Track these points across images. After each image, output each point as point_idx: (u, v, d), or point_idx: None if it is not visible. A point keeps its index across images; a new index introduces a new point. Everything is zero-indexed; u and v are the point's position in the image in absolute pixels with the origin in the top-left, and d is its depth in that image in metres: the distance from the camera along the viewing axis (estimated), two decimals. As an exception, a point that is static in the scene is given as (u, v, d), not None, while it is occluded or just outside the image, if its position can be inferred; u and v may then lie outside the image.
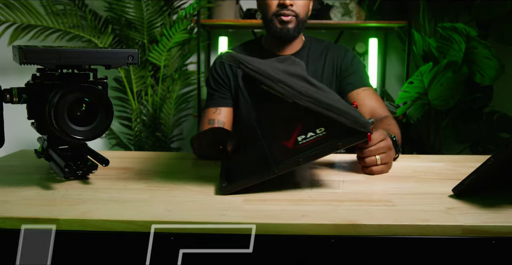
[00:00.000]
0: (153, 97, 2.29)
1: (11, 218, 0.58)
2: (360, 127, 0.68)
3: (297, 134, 0.68)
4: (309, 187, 0.74)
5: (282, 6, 1.23)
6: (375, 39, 2.32)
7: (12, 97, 0.73)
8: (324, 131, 0.68)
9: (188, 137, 2.49)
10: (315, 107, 0.67)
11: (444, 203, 0.66)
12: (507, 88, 2.28)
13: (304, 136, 0.68)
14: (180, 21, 2.13)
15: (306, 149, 0.68)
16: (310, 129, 0.68)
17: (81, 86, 0.70)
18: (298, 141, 0.68)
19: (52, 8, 2.22)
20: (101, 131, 0.73)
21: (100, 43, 2.23)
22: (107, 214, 0.60)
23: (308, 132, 0.68)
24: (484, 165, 0.63)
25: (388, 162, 0.85)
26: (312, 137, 0.68)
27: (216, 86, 1.34)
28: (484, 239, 0.57)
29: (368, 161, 0.83)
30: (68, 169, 0.73)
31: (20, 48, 0.66)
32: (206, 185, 0.75)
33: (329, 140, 0.68)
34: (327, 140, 0.68)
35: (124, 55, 0.73)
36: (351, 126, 0.68)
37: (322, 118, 0.67)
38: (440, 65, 1.95)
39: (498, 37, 2.08)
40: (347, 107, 0.69)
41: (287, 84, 0.67)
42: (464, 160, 0.99)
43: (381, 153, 0.83)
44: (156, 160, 0.94)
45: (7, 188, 0.71)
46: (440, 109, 2.14)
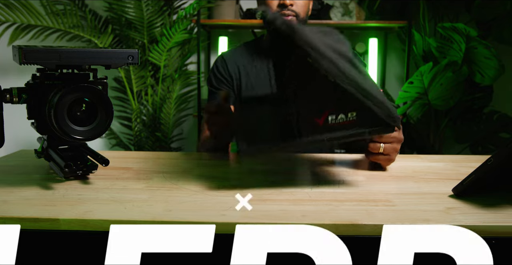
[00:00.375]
0: (153, 97, 2.29)
1: (11, 218, 0.58)
2: (392, 121, 0.67)
3: (329, 113, 0.67)
4: (309, 187, 0.74)
5: (282, 6, 1.23)
6: (375, 39, 2.32)
7: (12, 97, 0.73)
8: (356, 116, 0.67)
9: (188, 137, 2.49)
10: (355, 91, 0.65)
11: (444, 203, 0.66)
12: (507, 88, 2.28)
13: (334, 116, 0.67)
14: (180, 21, 2.14)
15: (333, 130, 0.67)
16: (343, 111, 0.67)
17: (81, 86, 0.70)
18: (328, 120, 0.67)
19: (52, 8, 2.23)
20: (101, 131, 0.73)
21: (100, 43, 2.23)
22: (107, 214, 0.60)
23: (340, 113, 0.67)
24: (484, 165, 0.62)
25: (390, 154, 0.85)
26: (342, 119, 0.67)
27: (218, 84, 1.33)
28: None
29: (372, 146, 0.83)
30: (68, 169, 0.73)
31: (20, 48, 0.66)
32: (206, 185, 0.75)
33: (358, 126, 0.67)
34: (356, 125, 0.67)
35: (124, 55, 0.73)
36: (383, 118, 0.66)
37: (357, 103, 0.66)
38: (440, 65, 1.95)
39: (498, 37, 2.08)
40: (383, 98, 0.67)
41: (333, 63, 0.65)
42: (464, 160, 0.99)
43: (388, 143, 0.83)
44: (156, 160, 0.94)
45: (7, 188, 0.71)
46: (440, 109, 2.14)
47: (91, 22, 2.26)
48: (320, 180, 0.79)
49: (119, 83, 2.36)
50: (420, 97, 2.08)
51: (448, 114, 2.20)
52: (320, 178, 0.81)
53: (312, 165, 0.91)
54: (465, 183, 0.67)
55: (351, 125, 0.67)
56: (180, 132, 2.45)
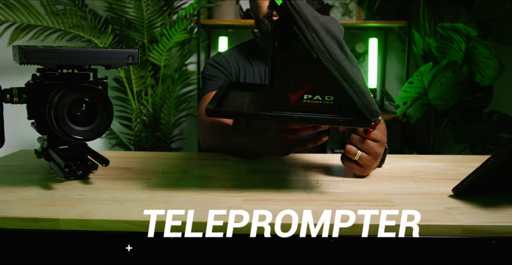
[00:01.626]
0: (153, 97, 2.29)
1: (11, 218, 0.58)
2: (369, 113, 0.64)
3: (305, 92, 0.64)
4: (309, 187, 0.74)
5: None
6: (375, 39, 2.32)
7: (12, 97, 0.73)
8: (332, 101, 0.64)
9: (188, 137, 2.49)
10: (336, 73, 0.63)
11: (444, 203, 0.66)
12: (507, 88, 2.28)
13: (310, 96, 0.64)
14: (180, 21, 2.14)
15: (306, 109, 0.65)
16: (319, 92, 0.64)
17: (81, 86, 0.70)
18: (303, 98, 0.65)
19: (52, 8, 2.23)
20: (101, 131, 0.73)
21: (100, 43, 2.23)
22: (107, 214, 0.60)
23: (316, 94, 0.64)
24: (484, 165, 0.63)
25: (365, 167, 0.78)
26: (318, 101, 0.65)
27: (216, 73, 1.28)
28: (484, 239, 0.57)
29: (348, 148, 0.77)
30: (68, 169, 0.73)
31: (20, 48, 0.66)
32: (206, 185, 0.75)
33: (333, 112, 0.65)
34: (331, 111, 0.65)
35: (124, 55, 0.73)
36: (361, 108, 0.64)
37: (337, 86, 0.63)
38: (440, 65, 1.95)
39: (498, 37, 2.08)
40: (365, 89, 0.65)
41: (319, 37, 0.63)
42: (464, 160, 0.99)
43: (365, 152, 0.77)
44: (156, 160, 0.94)
45: (7, 188, 0.71)
46: (440, 109, 2.14)
47: (91, 22, 2.26)
48: (320, 180, 0.79)
49: (119, 83, 2.36)
50: (420, 97, 2.08)
51: (448, 114, 2.20)
52: (320, 178, 0.81)
53: (312, 166, 0.91)
54: (465, 183, 0.67)
55: (326, 109, 0.65)
56: (180, 132, 2.45)
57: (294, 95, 0.65)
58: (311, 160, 0.96)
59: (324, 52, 0.63)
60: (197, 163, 0.96)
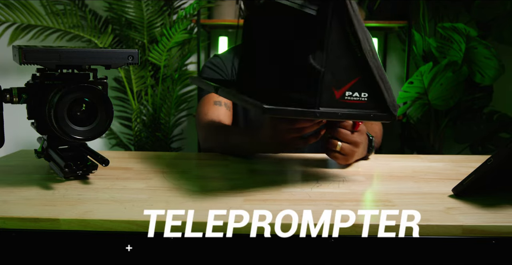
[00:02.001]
0: (153, 97, 2.29)
1: (11, 218, 0.58)
2: (393, 109, 0.69)
3: (347, 88, 0.67)
4: (309, 187, 0.74)
5: None
6: (375, 39, 2.32)
7: (12, 97, 0.73)
8: (367, 97, 0.68)
9: (188, 137, 2.49)
10: (376, 72, 0.67)
11: (444, 203, 0.66)
12: (507, 88, 2.28)
13: (351, 93, 0.68)
14: (180, 21, 2.14)
15: (346, 106, 0.68)
16: (358, 90, 0.68)
17: (81, 86, 0.70)
18: (345, 95, 0.68)
19: (52, 8, 2.23)
20: (101, 131, 0.73)
21: (100, 43, 2.23)
22: (107, 214, 0.59)
23: (355, 91, 0.68)
24: (484, 165, 0.62)
25: (347, 155, 0.85)
26: (356, 98, 0.68)
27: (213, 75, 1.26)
28: (484, 239, 0.57)
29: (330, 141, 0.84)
30: (68, 169, 0.73)
31: (20, 48, 0.66)
32: (206, 185, 0.75)
33: (366, 108, 0.68)
34: (364, 107, 0.68)
35: (124, 55, 0.73)
36: (389, 105, 0.68)
37: (373, 84, 0.67)
38: (440, 65, 1.95)
39: (498, 37, 2.08)
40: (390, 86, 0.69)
41: (367, 37, 0.66)
42: (464, 160, 0.99)
43: (346, 142, 0.83)
44: (156, 160, 0.94)
45: (7, 188, 0.71)
46: (440, 109, 2.14)
47: (91, 22, 2.26)
48: (320, 180, 0.79)
49: (119, 83, 2.36)
50: (420, 97, 2.08)
51: (448, 114, 2.20)
52: (320, 178, 0.81)
53: (312, 165, 0.91)
54: (465, 183, 0.67)
55: (361, 106, 0.68)
56: (180, 132, 2.45)
57: (338, 91, 0.68)
58: (311, 160, 0.96)
59: (369, 52, 0.67)
60: (197, 163, 0.96)
